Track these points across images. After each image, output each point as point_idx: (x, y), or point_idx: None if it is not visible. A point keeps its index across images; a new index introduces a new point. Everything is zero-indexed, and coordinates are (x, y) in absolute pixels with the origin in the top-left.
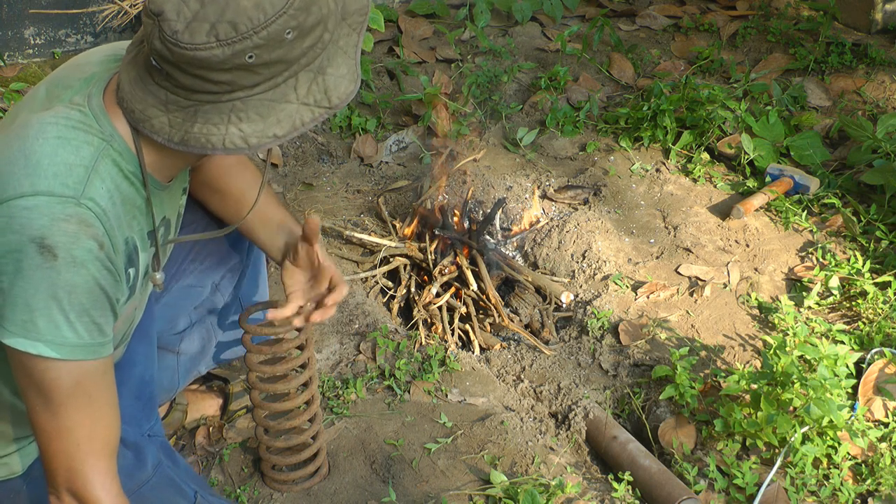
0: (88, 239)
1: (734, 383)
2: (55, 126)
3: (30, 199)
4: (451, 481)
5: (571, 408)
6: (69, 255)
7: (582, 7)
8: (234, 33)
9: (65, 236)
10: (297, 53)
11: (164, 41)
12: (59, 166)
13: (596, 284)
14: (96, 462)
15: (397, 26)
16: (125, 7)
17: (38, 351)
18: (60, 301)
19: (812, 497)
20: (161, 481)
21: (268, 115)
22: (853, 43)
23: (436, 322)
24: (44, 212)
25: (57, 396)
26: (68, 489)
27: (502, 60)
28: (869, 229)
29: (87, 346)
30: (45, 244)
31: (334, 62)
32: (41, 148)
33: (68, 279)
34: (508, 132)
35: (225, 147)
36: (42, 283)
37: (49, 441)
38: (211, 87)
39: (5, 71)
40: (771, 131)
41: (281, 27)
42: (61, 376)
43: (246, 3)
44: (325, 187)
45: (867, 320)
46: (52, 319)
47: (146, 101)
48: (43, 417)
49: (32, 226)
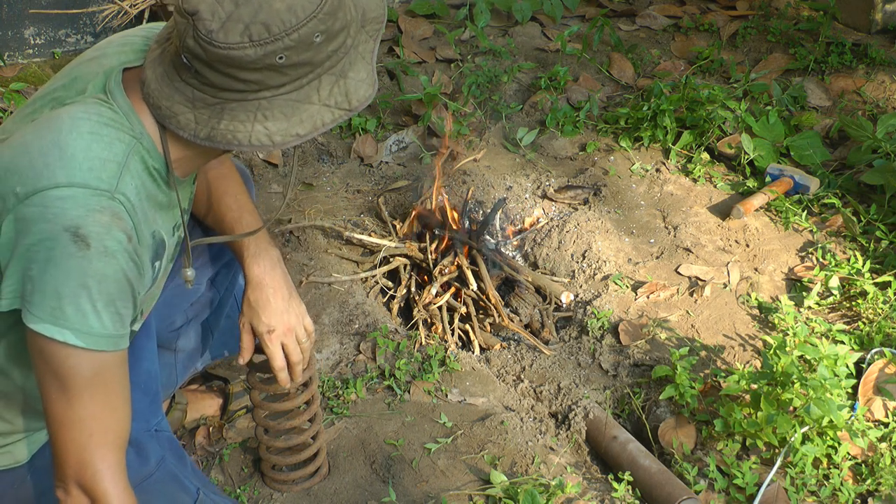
0: (119, 231)
1: (734, 383)
2: (87, 121)
3: (65, 190)
4: (451, 481)
5: (571, 408)
6: (101, 245)
7: (582, 7)
8: (266, 34)
9: (98, 227)
10: (322, 56)
11: (197, 39)
12: (94, 161)
13: (596, 284)
14: (107, 454)
15: (397, 26)
16: (125, 7)
17: (64, 338)
18: (90, 290)
19: (812, 497)
20: (164, 477)
21: (292, 115)
22: (853, 43)
23: (436, 322)
24: (79, 202)
25: (75, 385)
26: (77, 481)
27: (502, 60)
28: (869, 229)
29: (111, 336)
30: (80, 233)
31: (355, 67)
32: (75, 142)
33: (99, 268)
34: (508, 132)
35: (251, 143)
36: (73, 272)
37: (62, 430)
38: (239, 85)
39: (5, 71)
40: (771, 131)
41: (311, 30)
42: (81, 364)
43: (279, 5)
44: (325, 187)
45: (867, 320)
46: (79, 308)
47: (173, 98)
48: (58, 406)
49: (67, 215)
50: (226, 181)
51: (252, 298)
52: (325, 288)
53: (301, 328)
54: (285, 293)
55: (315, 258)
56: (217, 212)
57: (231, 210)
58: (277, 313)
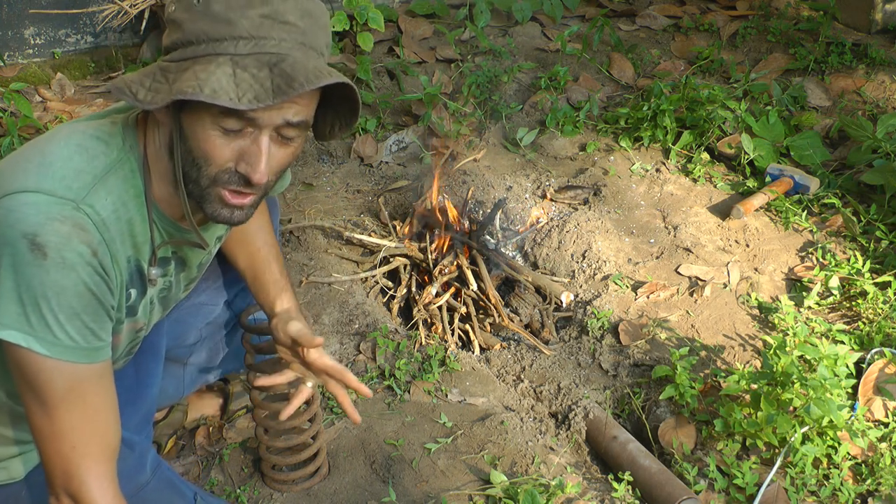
0: (81, 243)
1: (734, 383)
2: (81, 134)
3: (30, 196)
4: (451, 481)
5: (571, 408)
6: (59, 256)
7: (582, 7)
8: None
9: (56, 237)
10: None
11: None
12: (69, 171)
13: (596, 284)
14: (92, 465)
15: (397, 26)
16: (125, 7)
17: (28, 345)
18: (49, 301)
19: (812, 497)
20: (160, 484)
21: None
22: (853, 43)
23: (436, 322)
24: (41, 209)
25: (51, 398)
26: (66, 491)
27: (502, 60)
28: (869, 229)
29: (80, 349)
30: (37, 241)
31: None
32: (59, 151)
33: (56, 280)
34: (508, 132)
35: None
36: (32, 281)
37: (45, 443)
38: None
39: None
40: (771, 131)
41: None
42: (54, 378)
43: None
44: (325, 187)
45: (867, 320)
46: (42, 318)
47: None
48: (38, 419)
49: (27, 221)
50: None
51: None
52: (325, 288)
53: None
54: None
55: (315, 258)
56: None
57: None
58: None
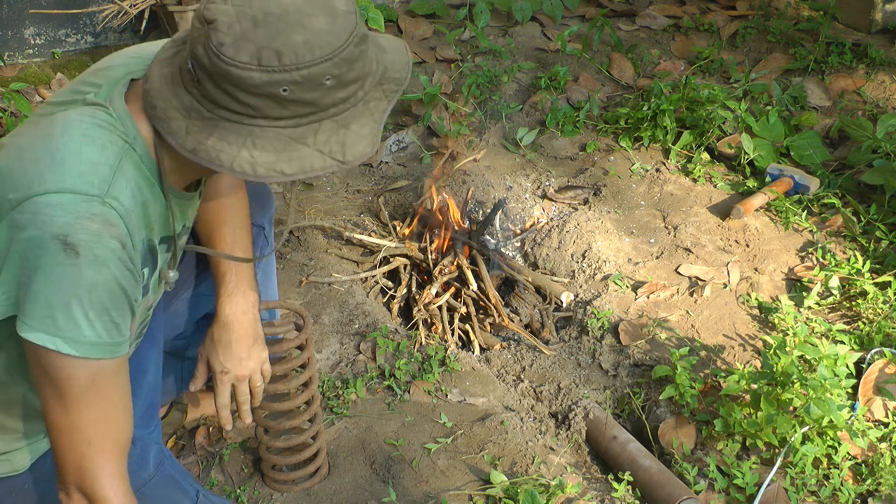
0: (111, 238)
1: (734, 383)
2: (80, 124)
3: (54, 196)
4: (451, 481)
5: (571, 408)
6: (91, 254)
7: (582, 7)
8: (276, 63)
9: (88, 234)
10: (328, 101)
11: (207, 49)
12: (85, 164)
13: (596, 284)
14: (106, 461)
15: (397, 26)
16: (125, 7)
17: (56, 346)
18: (80, 299)
19: (812, 497)
20: (163, 480)
21: (282, 151)
22: (853, 43)
23: (436, 322)
24: (68, 209)
25: (71, 393)
26: (78, 486)
27: (502, 60)
28: (869, 229)
29: (105, 344)
30: (68, 242)
31: (359, 120)
32: (66, 146)
33: (89, 277)
34: (508, 132)
35: (232, 168)
36: (63, 281)
37: (60, 437)
38: (237, 106)
39: (5, 71)
40: (771, 131)
41: (322, 72)
42: (77, 374)
43: (298, 38)
44: (325, 187)
45: (867, 320)
46: (71, 317)
47: (170, 102)
48: (56, 413)
49: (56, 223)
50: (229, 212)
51: (216, 336)
52: (325, 288)
53: (258, 373)
54: (249, 341)
55: (315, 258)
56: (212, 241)
57: (225, 243)
58: (235, 359)
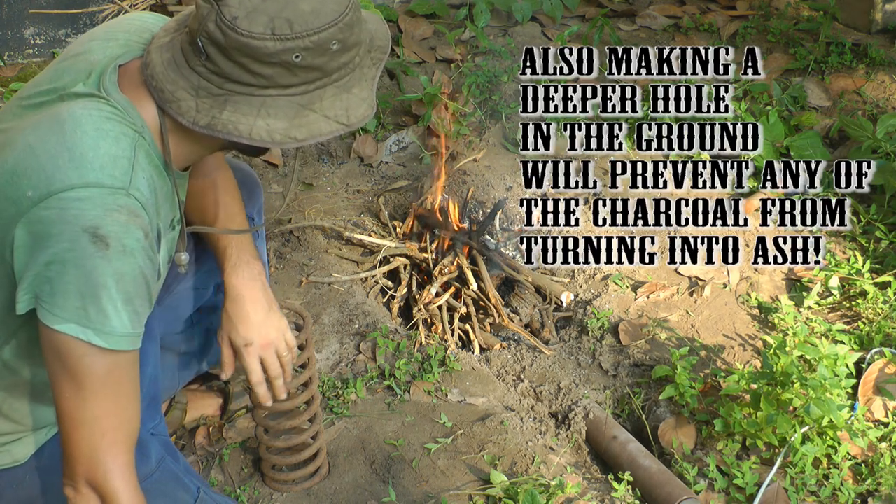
0: (137, 229)
1: (734, 383)
2: (90, 118)
3: (81, 191)
4: (451, 481)
5: (571, 408)
6: (120, 245)
7: (582, 7)
8: (289, 30)
9: (117, 226)
10: (334, 66)
11: (220, 24)
12: (104, 158)
13: (596, 284)
14: (119, 453)
15: (397, 26)
16: (125, 7)
17: (87, 338)
18: (109, 289)
19: (812, 497)
20: (164, 476)
21: (293, 118)
22: (853, 43)
23: (436, 322)
24: (97, 202)
25: (89, 384)
26: (88, 479)
27: (502, 60)
28: (869, 229)
29: (129, 335)
30: (99, 234)
31: (359, 85)
32: (82, 140)
33: (118, 268)
34: (508, 132)
35: (251, 136)
36: (93, 272)
37: (74, 429)
38: (249, 77)
39: (5, 71)
40: (771, 131)
41: (330, 37)
42: (96, 364)
43: (305, 6)
44: (325, 187)
45: (867, 320)
46: (101, 308)
47: (177, 83)
48: (71, 404)
49: (86, 216)
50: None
51: (231, 311)
52: (325, 288)
53: (282, 342)
54: (265, 306)
55: (315, 258)
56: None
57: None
58: (255, 326)
